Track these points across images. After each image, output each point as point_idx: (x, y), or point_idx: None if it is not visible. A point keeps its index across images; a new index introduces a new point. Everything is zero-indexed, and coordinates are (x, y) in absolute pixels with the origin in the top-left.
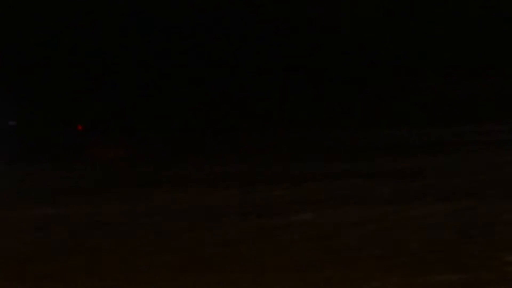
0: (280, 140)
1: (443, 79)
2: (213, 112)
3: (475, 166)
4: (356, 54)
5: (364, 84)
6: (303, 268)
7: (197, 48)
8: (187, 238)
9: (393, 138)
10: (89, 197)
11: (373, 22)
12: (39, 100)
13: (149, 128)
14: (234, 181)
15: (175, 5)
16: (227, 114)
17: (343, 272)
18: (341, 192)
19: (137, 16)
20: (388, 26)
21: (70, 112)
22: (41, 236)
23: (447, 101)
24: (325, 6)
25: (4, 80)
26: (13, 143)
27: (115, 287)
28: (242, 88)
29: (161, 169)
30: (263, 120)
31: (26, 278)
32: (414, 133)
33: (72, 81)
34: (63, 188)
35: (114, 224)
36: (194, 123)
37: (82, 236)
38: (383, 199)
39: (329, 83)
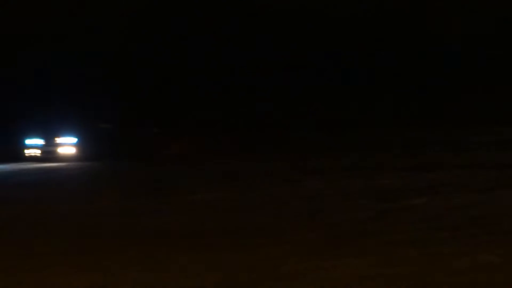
0: (397, 138)
1: None
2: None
3: None
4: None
5: (475, 86)
6: (419, 242)
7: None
8: (326, 218)
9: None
10: (233, 184)
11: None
12: (125, 105)
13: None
14: (358, 171)
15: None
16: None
17: (450, 247)
18: (453, 180)
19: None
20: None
21: (149, 116)
22: (207, 215)
23: None
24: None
25: (94, 87)
26: (106, 143)
27: (267, 260)
28: (368, 91)
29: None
30: (387, 120)
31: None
32: None
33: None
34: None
35: (265, 207)
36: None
37: (239, 216)
38: (489, 186)
39: (445, 85)
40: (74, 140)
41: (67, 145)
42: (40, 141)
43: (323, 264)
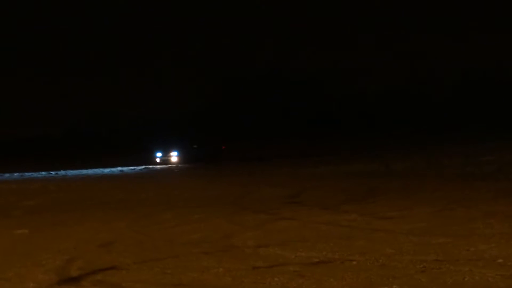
0: None
1: None
2: None
3: None
4: None
5: None
6: None
7: None
8: None
9: None
10: None
11: None
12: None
13: None
14: None
15: None
16: None
17: None
18: None
19: None
20: None
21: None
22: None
23: None
24: None
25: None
26: (197, 156)
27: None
28: None
29: None
30: None
31: None
32: None
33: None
34: None
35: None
36: None
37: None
38: None
39: None
40: (175, 153)
41: (173, 156)
42: (161, 154)
43: None
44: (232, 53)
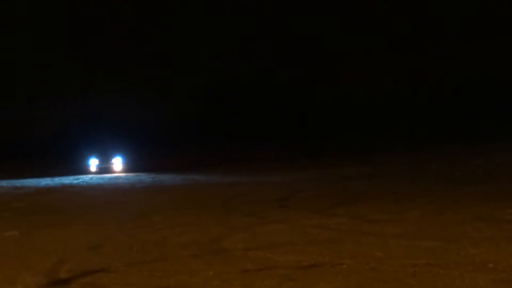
0: None
1: None
2: None
3: None
4: None
5: None
6: None
7: None
8: None
9: None
10: None
11: None
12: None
13: None
14: None
15: None
16: None
17: None
18: None
19: None
20: None
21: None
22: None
23: None
24: None
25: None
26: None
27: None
28: None
29: None
30: None
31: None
32: None
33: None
34: None
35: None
36: None
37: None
38: None
39: None
40: (119, 159)
41: (117, 163)
42: (97, 160)
43: None
44: (221, 55)
